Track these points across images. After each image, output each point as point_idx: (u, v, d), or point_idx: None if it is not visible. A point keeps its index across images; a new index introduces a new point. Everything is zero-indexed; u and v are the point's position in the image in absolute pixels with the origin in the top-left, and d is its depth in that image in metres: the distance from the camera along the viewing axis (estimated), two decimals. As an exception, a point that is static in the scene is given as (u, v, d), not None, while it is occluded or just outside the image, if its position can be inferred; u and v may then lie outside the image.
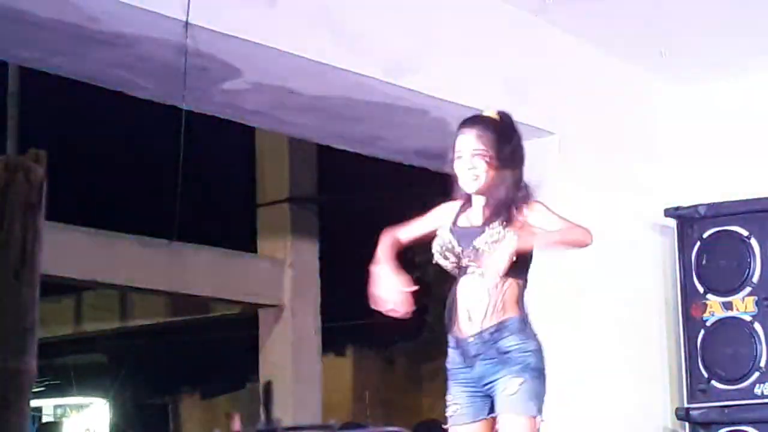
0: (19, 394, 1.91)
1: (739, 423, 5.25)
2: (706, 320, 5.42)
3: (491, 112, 3.90)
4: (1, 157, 1.98)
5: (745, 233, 5.36)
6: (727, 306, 5.37)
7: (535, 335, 3.81)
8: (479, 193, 3.84)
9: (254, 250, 9.34)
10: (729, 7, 5.18)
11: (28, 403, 1.94)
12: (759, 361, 5.25)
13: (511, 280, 3.79)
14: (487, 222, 3.80)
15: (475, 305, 3.77)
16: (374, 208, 9.41)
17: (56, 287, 8.65)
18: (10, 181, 1.94)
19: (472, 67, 4.93)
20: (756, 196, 5.43)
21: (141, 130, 8.06)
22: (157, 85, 4.39)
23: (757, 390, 5.25)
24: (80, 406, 13.85)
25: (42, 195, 2.01)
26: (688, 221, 5.52)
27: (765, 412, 5.20)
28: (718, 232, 5.44)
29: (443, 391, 4.06)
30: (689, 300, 5.46)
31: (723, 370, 5.33)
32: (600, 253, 5.47)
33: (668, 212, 5.60)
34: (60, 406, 13.73)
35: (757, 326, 5.29)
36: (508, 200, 3.84)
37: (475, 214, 3.88)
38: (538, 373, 3.76)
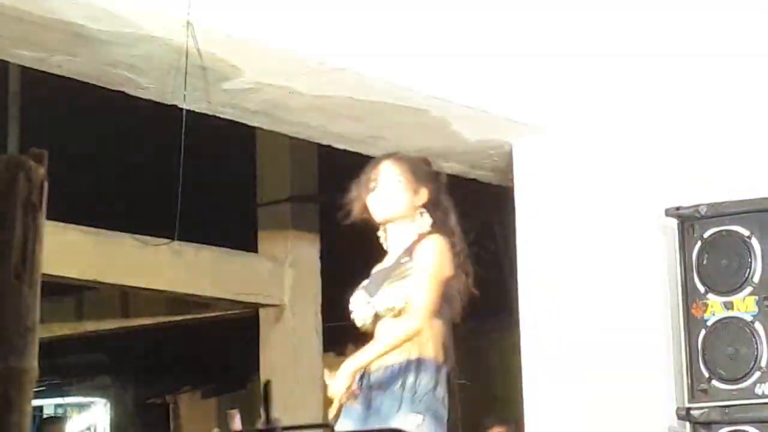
0: (20, 393, 1.90)
1: (740, 423, 5.25)
2: (707, 320, 5.41)
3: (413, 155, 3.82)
4: (1, 156, 1.97)
5: (746, 233, 5.36)
6: (728, 306, 5.36)
7: (450, 391, 3.57)
8: (391, 222, 3.67)
9: (255, 250, 9.34)
10: (729, 7, 5.18)
11: (30, 403, 1.94)
12: (760, 361, 5.25)
13: (435, 321, 3.56)
14: (399, 259, 3.61)
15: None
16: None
17: (57, 287, 8.65)
18: (10, 180, 1.93)
19: (472, 66, 4.93)
20: (757, 196, 5.43)
21: (141, 130, 8.05)
22: (158, 84, 4.39)
23: (758, 390, 5.24)
24: (81, 406, 13.85)
25: (43, 194, 2.00)
26: (688, 221, 5.52)
27: (766, 412, 5.19)
28: (718, 231, 5.43)
29: (445, 390, 4.04)
30: (690, 299, 5.46)
31: (724, 370, 5.33)
32: (600, 253, 5.49)
33: (669, 212, 5.60)
34: (61, 405, 13.74)
35: (758, 326, 5.28)
36: (422, 232, 3.63)
37: (389, 256, 3.70)
38: (441, 422, 3.49)
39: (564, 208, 5.30)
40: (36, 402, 11.79)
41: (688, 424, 5.37)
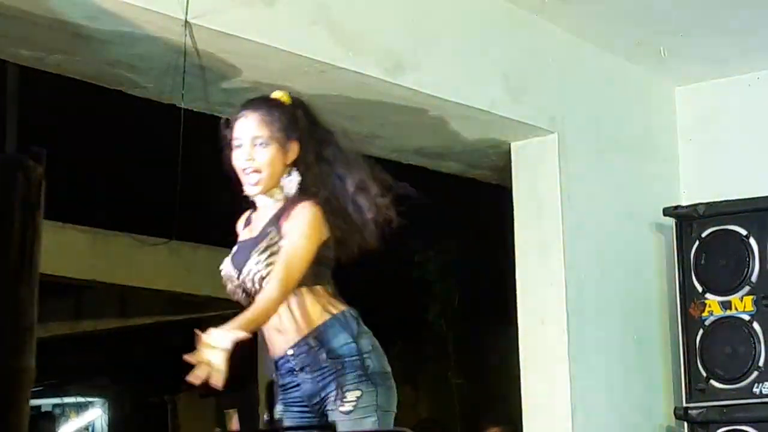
0: (18, 393, 1.90)
1: (738, 422, 5.25)
2: (705, 319, 5.42)
3: (281, 95, 3.31)
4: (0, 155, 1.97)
5: (744, 232, 5.36)
6: (726, 305, 5.37)
7: (368, 332, 3.16)
8: (263, 194, 3.23)
9: (253, 249, 9.31)
10: (730, 6, 5.18)
11: (28, 403, 1.93)
12: (758, 361, 5.25)
13: (317, 288, 3.16)
14: (265, 229, 3.18)
15: (283, 321, 3.16)
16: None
17: (55, 286, 8.64)
18: (9, 179, 1.93)
19: (471, 66, 4.93)
20: (755, 195, 5.43)
21: (140, 129, 8.04)
22: (157, 84, 4.39)
23: (756, 389, 5.25)
24: (79, 406, 13.84)
25: (41, 194, 2.00)
26: (687, 220, 5.52)
27: (764, 412, 5.20)
28: (716, 231, 5.44)
29: (443, 390, 4.02)
30: (688, 299, 5.47)
31: (722, 370, 5.33)
32: (599, 252, 5.49)
33: (667, 211, 5.60)
34: (59, 405, 13.72)
35: (756, 326, 5.29)
36: (291, 200, 3.18)
37: (257, 221, 3.28)
38: (380, 378, 3.13)
39: (563, 208, 5.29)
40: (34, 402, 11.77)
41: (686, 423, 5.38)
